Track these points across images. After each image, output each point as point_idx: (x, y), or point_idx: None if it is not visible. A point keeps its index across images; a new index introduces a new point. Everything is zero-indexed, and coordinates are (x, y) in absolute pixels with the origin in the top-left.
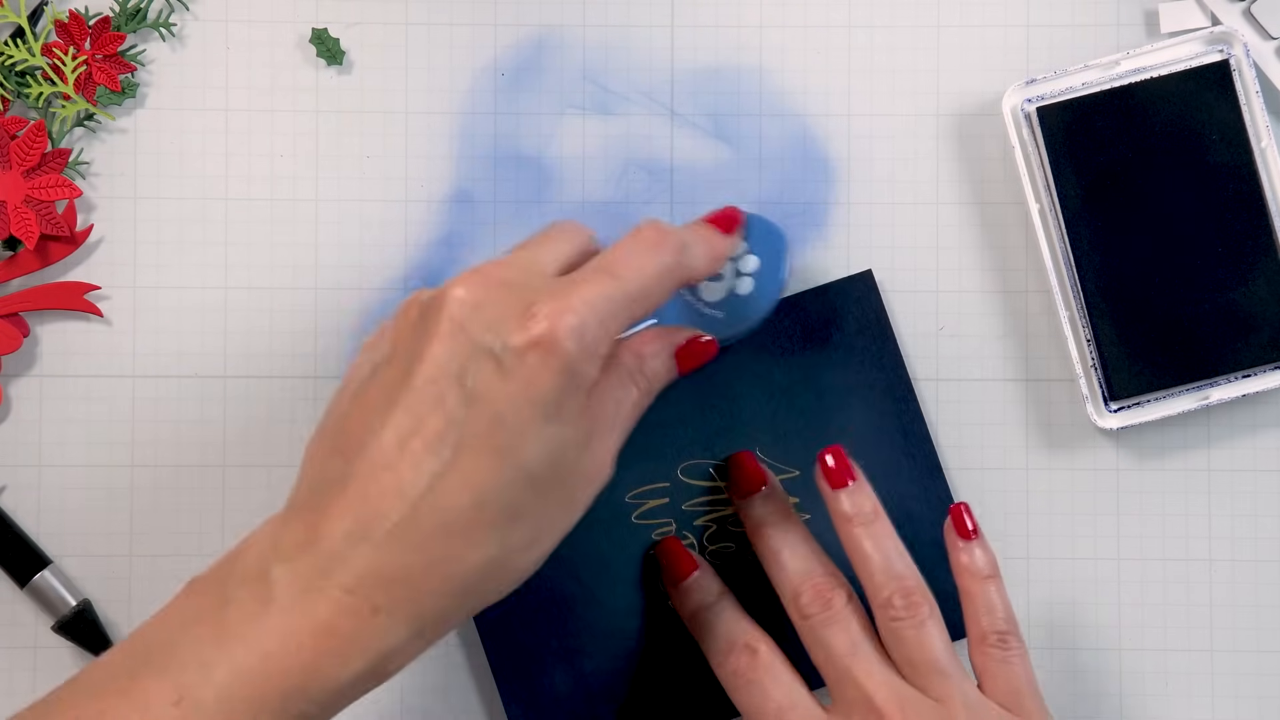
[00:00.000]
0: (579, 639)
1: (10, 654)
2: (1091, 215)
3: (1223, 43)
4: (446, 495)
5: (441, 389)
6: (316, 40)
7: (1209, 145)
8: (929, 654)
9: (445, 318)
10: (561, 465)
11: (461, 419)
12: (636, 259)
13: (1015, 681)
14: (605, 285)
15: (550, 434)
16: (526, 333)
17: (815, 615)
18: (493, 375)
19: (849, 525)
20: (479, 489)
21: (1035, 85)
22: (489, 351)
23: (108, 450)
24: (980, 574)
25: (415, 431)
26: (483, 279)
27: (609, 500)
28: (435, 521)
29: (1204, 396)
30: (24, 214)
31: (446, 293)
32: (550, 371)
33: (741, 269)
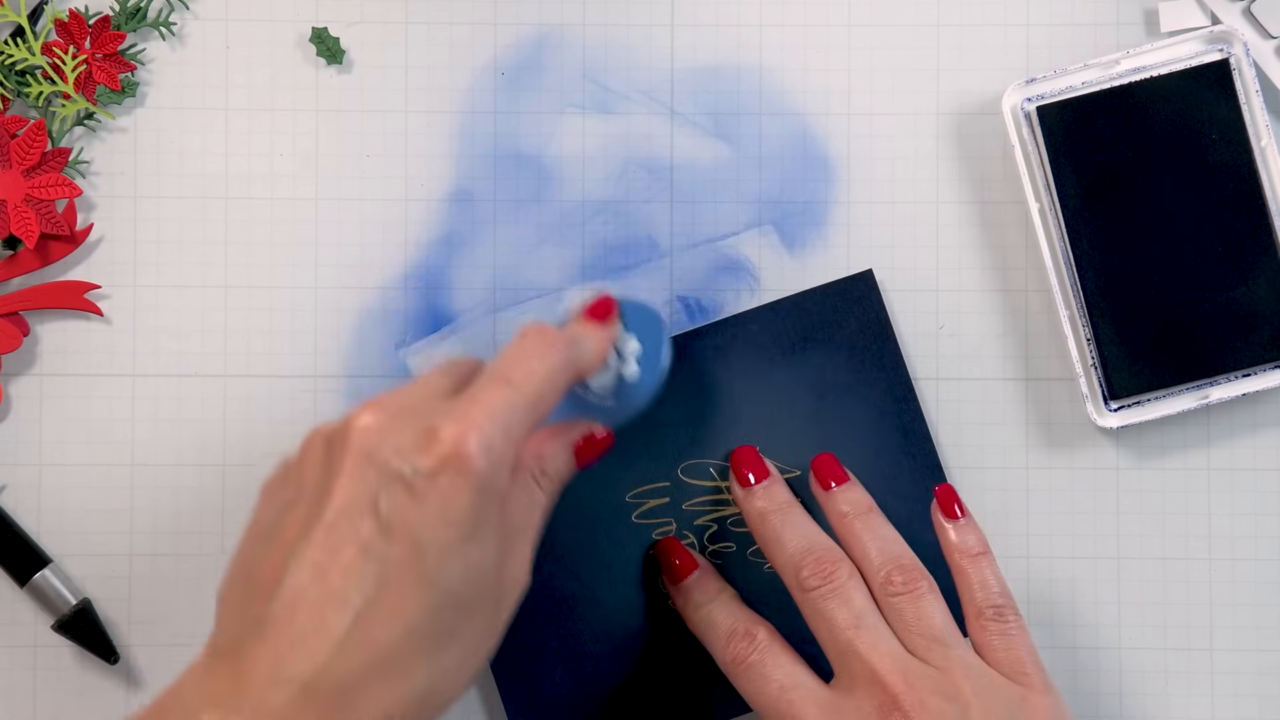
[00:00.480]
0: (579, 639)
1: (10, 654)
2: (1091, 214)
3: (1222, 42)
4: (373, 629)
5: (355, 520)
6: (316, 40)
7: (1209, 144)
8: (929, 626)
9: (352, 449)
10: (484, 582)
11: (380, 549)
12: (528, 364)
13: (1016, 652)
14: (504, 395)
15: (471, 553)
16: (435, 455)
17: (816, 588)
18: (406, 501)
19: (845, 520)
20: (405, 621)
21: (1035, 84)
22: (399, 477)
23: (108, 450)
24: (971, 551)
25: (332, 567)
26: (384, 407)
27: (610, 500)
28: (364, 657)
29: (1204, 395)
30: (24, 213)
31: (350, 423)
32: (464, 490)
33: (624, 353)
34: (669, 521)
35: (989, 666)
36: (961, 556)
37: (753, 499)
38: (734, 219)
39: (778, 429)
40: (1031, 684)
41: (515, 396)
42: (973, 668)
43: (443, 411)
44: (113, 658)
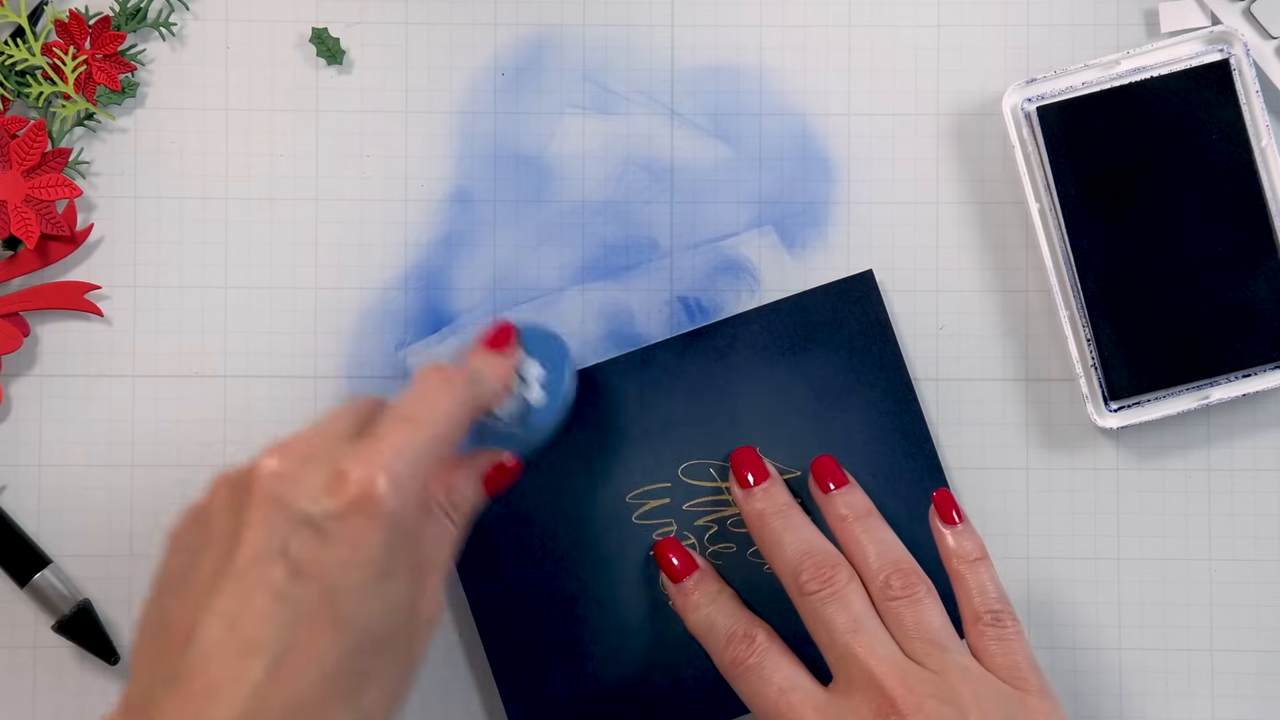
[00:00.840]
0: (580, 639)
1: (10, 654)
2: (1091, 215)
3: (1223, 42)
4: (289, 677)
5: (265, 567)
6: (316, 40)
7: (1209, 144)
8: (927, 630)
9: (259, 494)
10: (398, 620)
11: (292, 595)
12: (430, 401)
13: (1013, 657)
14: (408, 434)
15: (386, 591)
16: (343, 496)
17: (816, 592)
18: (317, 544)
19: (844, 524)
20: (322, 665)
21: (1035, 85)
22: (309, 521)
23: (108, 450)
24: (968, 557)
25: (244, 614)
26: (289, 452)
27: (610, 501)
28: (280, 704)
29: (1204, 396)
30: (24, 213)
31: (256, 470)
32: (374, 530)
33: (526, 378)
34: (669, 522)
35: (987, 671)
36: (959, 562)
37: (752, 501)
38: (734, 219)
39: (777, 429)
40: (1029, 688)
41: (419, 434)
42: (970, 671)
43: (349, 454)
44: (113, 658)
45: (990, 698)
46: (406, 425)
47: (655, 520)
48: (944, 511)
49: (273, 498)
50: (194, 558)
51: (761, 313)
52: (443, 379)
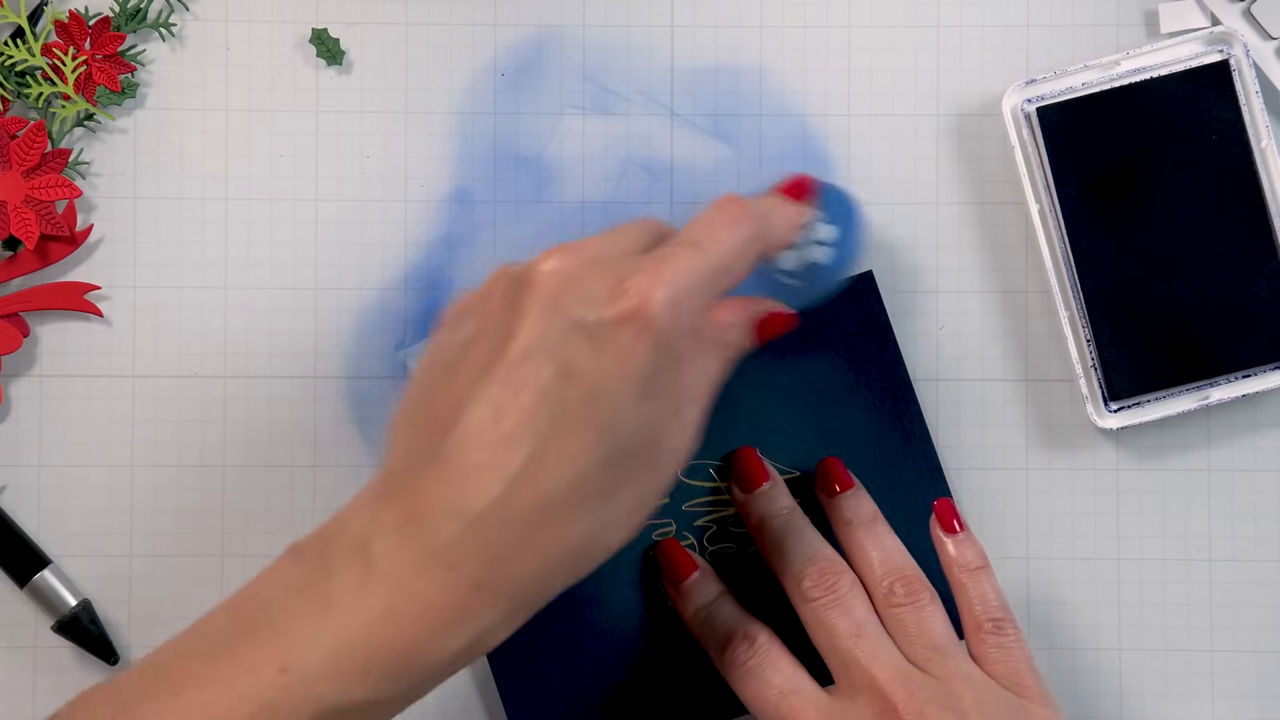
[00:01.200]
0: (579, 639)
1: (10, 654)
2: (1091, 215)
3: (1222, 43)
4: (544, 473)
5: (536, 365)
6: (316, 40)
7: (1209, 145)
8: (931, 637)
9: (538, 292)
10: (654, 440)
11: (557, 395)
12: (720, 232)
13: (1015, 664)
14: (693, 259)
15: (645, 408)
16: (620, 307)
17: (818, 599)
18: (588, 350)
19: (848, 529)
20: (576, 466)
21: (1035, 85)
22: (583, 326)
23: (108, 450)
24: (969, 565)
25: (510, 407)
26: (573, 254)
27: None
28: (533, 500)
29: (1204, 396)
30: (24, 214)
31: (537, 267)
32: (645, 346)
33: (816, 237)
34: (669, 522)
35: (989, 678)
36: (960, 571)
37: (753, 504)
38: None
39: (777, 430)
40: (1030, 695)
41: (704, 262)
42: (973, 678)
43: (632, 266)
44: (113, 658)
45: (992, 704)
46: (693, 251)
47: (654, 520)
48: (945, 520)
49: (551, 296)
50: (464, 343)
51: None
52: (738, 210)
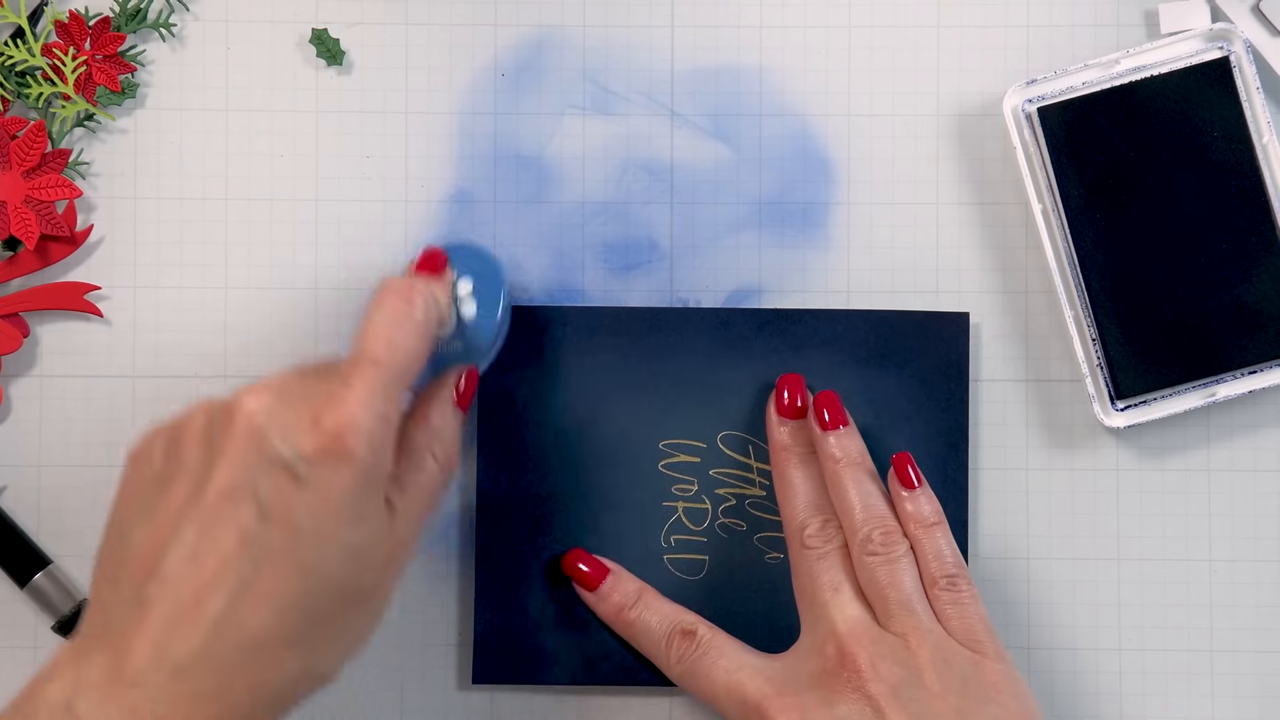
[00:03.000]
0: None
1: (10, 654)
2: (1094, 214)
3: (1222, 39)
4: (248, 614)
5: (236, 505)
6: (316, 40)
7: (1211, 142)
8: (899, 591)
9: (238, 430)
10: (364, 567)
11: (257, 535)
12: (391, 336)
13: (969, 620)
14: (375, 375)
15: (351, 540)
16: (316, 442)
17: (815, 549)
18: (288, 487)
19: (835, 465)
20: (281, 605)
21: (1036, 85)
22: (282, 462)
23: (108, 450)
24: (925, 521)
25: (211, 550)
26: (272, 390)
27: (643, 440)
28: (238, 641)
29: (1210, 394)
30: (24, 214)
31: (236, 403)
32: (346, 477)
33: (459, 295)
34: (692, 481)
35: (948, 634)
36: (916, 526)
37: (782, 431)
38: (734, 219)
39: None
40: (985, 650)
41: (386, 374)
42: (931, 634)
43: (323, 395)
44: None
45: (948, 661)
46: (372, 366)
47: (680, 475)
48: (902, 474)
49: (250, 435)
50: (161, 483)
51: (849, 316)
52: (398, 305)
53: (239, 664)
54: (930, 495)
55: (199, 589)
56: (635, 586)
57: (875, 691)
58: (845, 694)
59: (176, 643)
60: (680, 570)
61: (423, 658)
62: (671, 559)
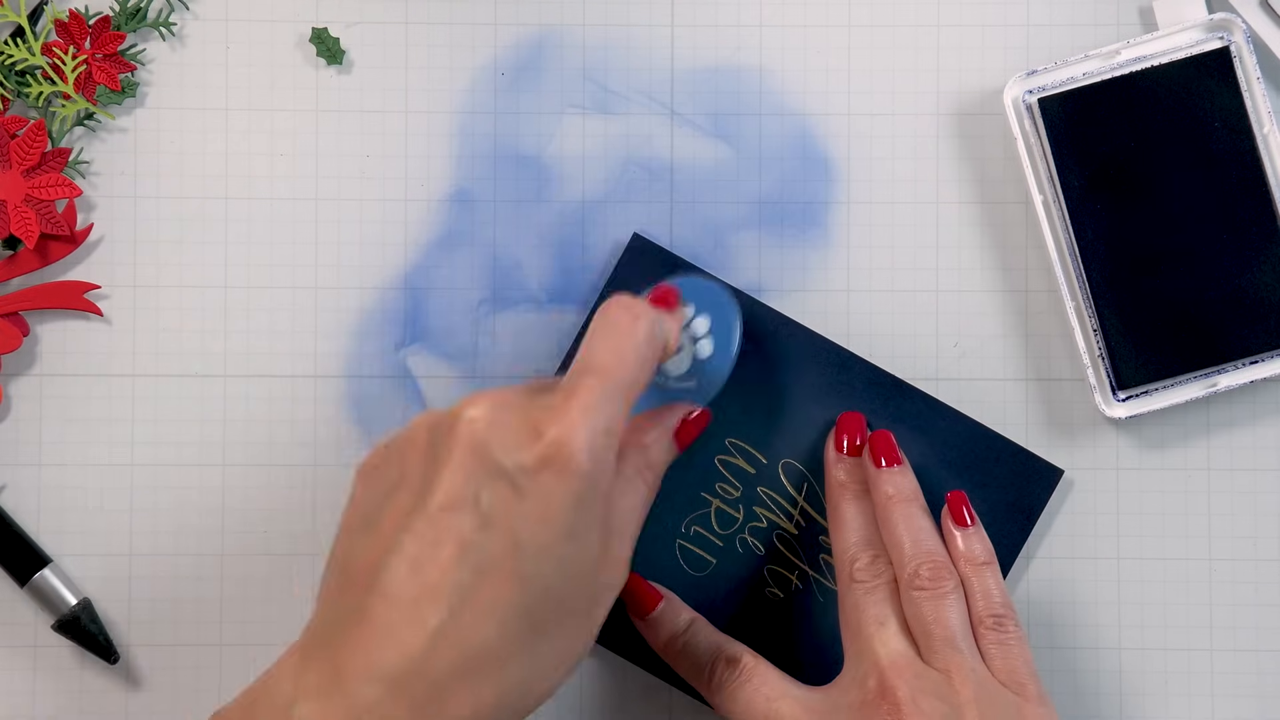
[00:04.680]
0: None
1: (10, 654)
2: (1095, 205)
3: (1222, 30)
4: (467, 625)
5: (456, 516)
6: (316, 40)
7: (1211, 132)
8: (945, 628)
9: (458, 442)
10: (581, 581)
11: (478, 546)
12: (619, 349)
13: (1013, 662)
14: (599, 387)
15: (569, 551)
16: (538, 452)
17: (863, 583)
18: (509, 498)
19: (887, 501)
20: (500, 616)
21: (1036, 76)
22: (504, 474)
23: (108, 450)
24: (976, 560)
25: (430, 561)
26: (494, 401)
27: (713, 428)
28: (455, 657)
29: (1212, 384)
30: (24, 213)
31: (458, 414)
32: (566, 489)
33: (696, 334)
34: (738, 488)
35: (991, 675)
36: (967, 565)
37: (839, 468)
38: (734, 219)
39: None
40: (1027, 694)
41: (610, 386)
42: (975, 673)
43: (544, 407)
44: (113, 658)
45: (989, 701)
46: (597, 378)
47: (729, 476)
48: (956, 513)
49: (472, 446)
50: (385, 495)
51: (957, 416)
52: (627, 320)
53: (457, 677)
54: (982, 535)
55: (418, 599)
56: (688, 616)
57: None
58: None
59: (394, 655)
60: (685, 559)
61: None
62: (683, 545)
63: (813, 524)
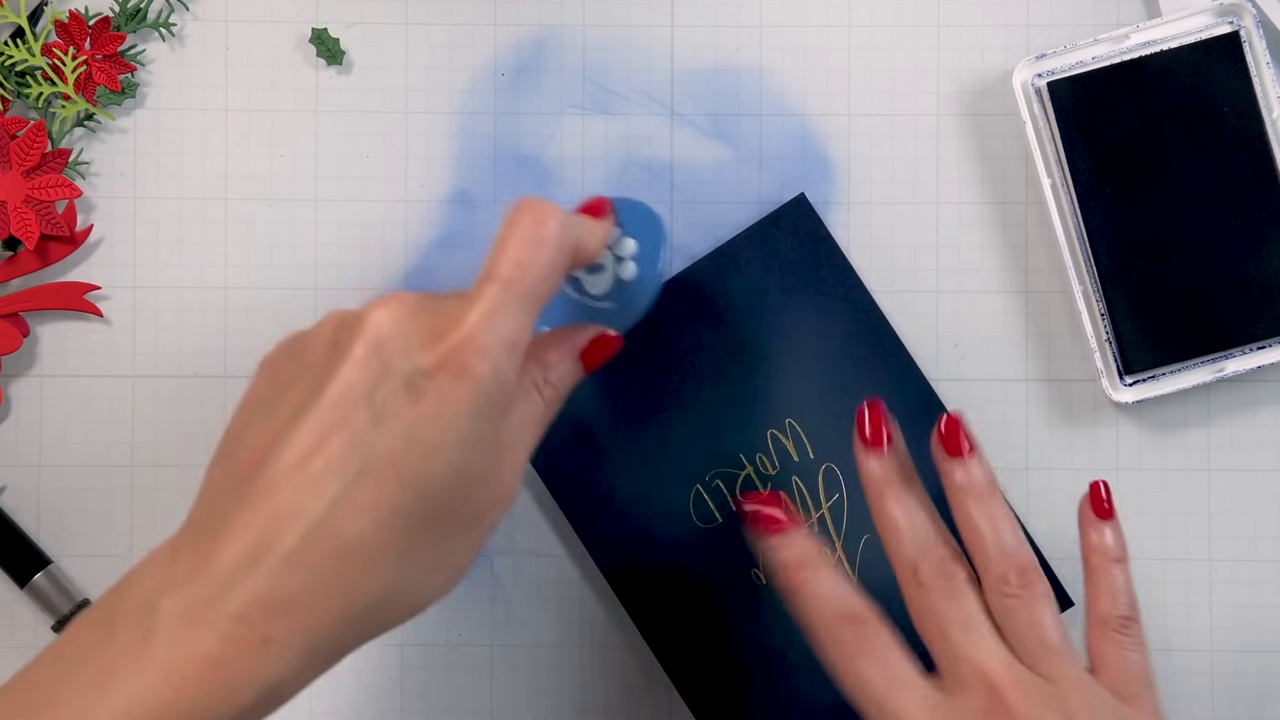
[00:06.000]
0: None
1: (10, 654)
2: (1103, 189)
3: (1232, 14)
4: (345, 520)
5: (349, 409)
6: (316, 40)
7: (1220, 117)
8: (1043, 634)
9: (361, 339)
10: (468, 490)
11: (367, 440)
12: (524, 255)
13: (1132, 670)
14: (504, 294)
15: (458, 459)
16: (437, 354)
17: (934, 587)
18: (404, 397)
19: (962, 497)
20: (379, 514)
21: (1045, 60)
22: (401, 374)
23: (108, 450)
24: (1111, 555)
25: (317, 451)
26: (402, 302)
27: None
28: (332, 547)
29: (1219, 369)
30: (24, 214)
31: (366, 313)
32: (463, 395)
33: (620, 254)
34: (777, 467)
35: (1099, 682)
36: (1101, 559)
37: (872, 464)
38: (734, 219)
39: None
40: (1142, 706)
41: (515, 294)
42: (1085, 683)
43: (448, 311)
44: None
45: (1101, 711)
46: (502, 285)
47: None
48: (1097, 504)
49: (374, 343)
50: (283, 387)
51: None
52: (535, 225)
53: (330, 571)
54: (1119, 528)
55: (299, 488)
56: (815, 545)
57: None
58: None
59: (268, 542)
60: (695, 506)
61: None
62: (699, 492)
63: (823, 534)
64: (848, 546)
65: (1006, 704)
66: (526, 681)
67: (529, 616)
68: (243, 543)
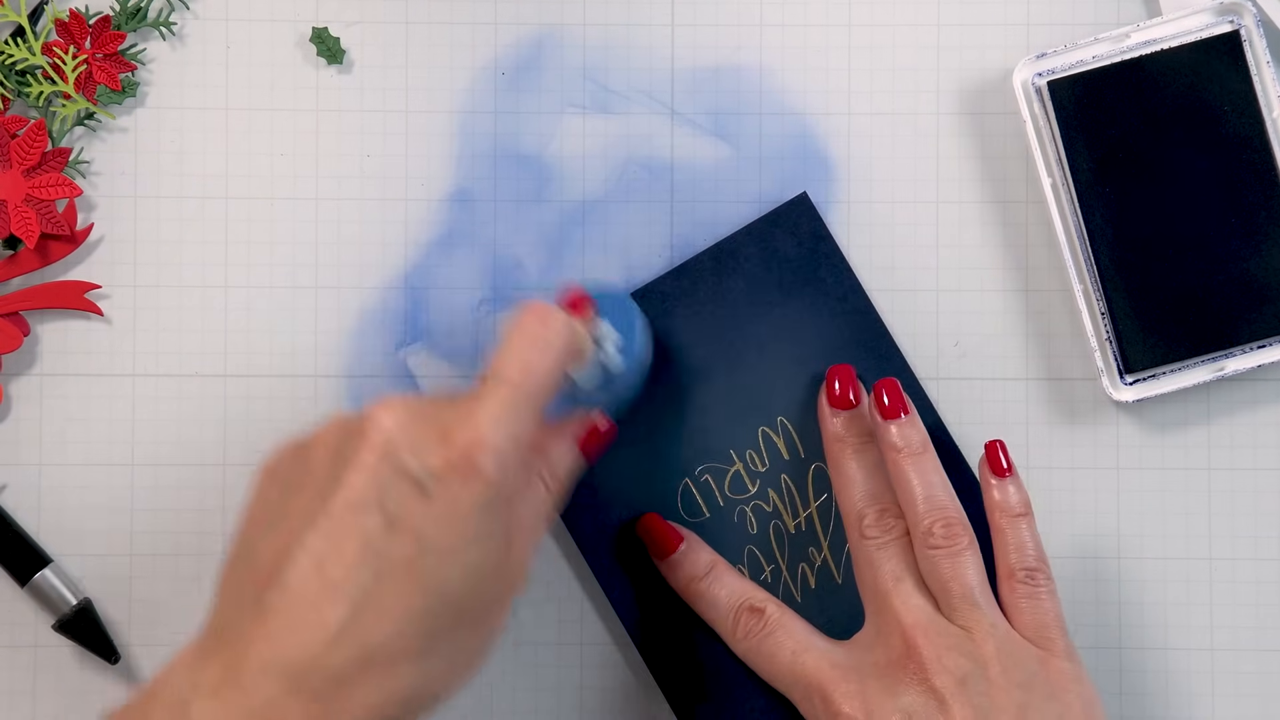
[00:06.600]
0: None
1: (10, 654)
2: (1104, 188)
3: (1232, 13)
4: (367, 626)
5: (361, 515)
6: (316, 40)
7: (1220, 116)
8: (962, 584)
9: (369, 442)
10: (483, 586)
11: (381, 546)
12: (528, 358)
13: (1043, 616)
14: (509, 396)
15: (472, 558)
16: (446, 457)
17: (874, 539)
18: (415, 500)
19: (896, 455)
20: (400, 619)
21: (1045, 59)
22: (410, 476)
23: (108, 450)
24: (1012, 511)
25: (334, 559)
26: (405, 406)
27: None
28: (357, 651)
29: (1219, 368)
30: (24, 213)
31: (370, 417)
32: (472, 494)
33: (604, 345)
34: (765, 466)
35: (1014, 629)
36: (1002, 515)
37: (835, 422)
38: (734, 219)
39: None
40: (1054, 648)
41: (519, 395)
42: (998, 629)
43: (454, 412)
44: (113, 658)
45: (1013, 656)
46: (507, 387)
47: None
48: (993, 462)
49: (381, 448)
50: (289, 493)
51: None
52: (539, 330)
53: (354, 676)
54: (1019, 484)
55: (320, 596)
56: (709, 558)
57: (940, 684)
58: (909, 684)
59: (293, 650)
60: (683, 501)
61: None
62: (688, 486)
63: (810, 533)
64: (833, 547)
65: (914, 646)
66: (527, 681)
67: (529, 616)
68: (267, 652)
